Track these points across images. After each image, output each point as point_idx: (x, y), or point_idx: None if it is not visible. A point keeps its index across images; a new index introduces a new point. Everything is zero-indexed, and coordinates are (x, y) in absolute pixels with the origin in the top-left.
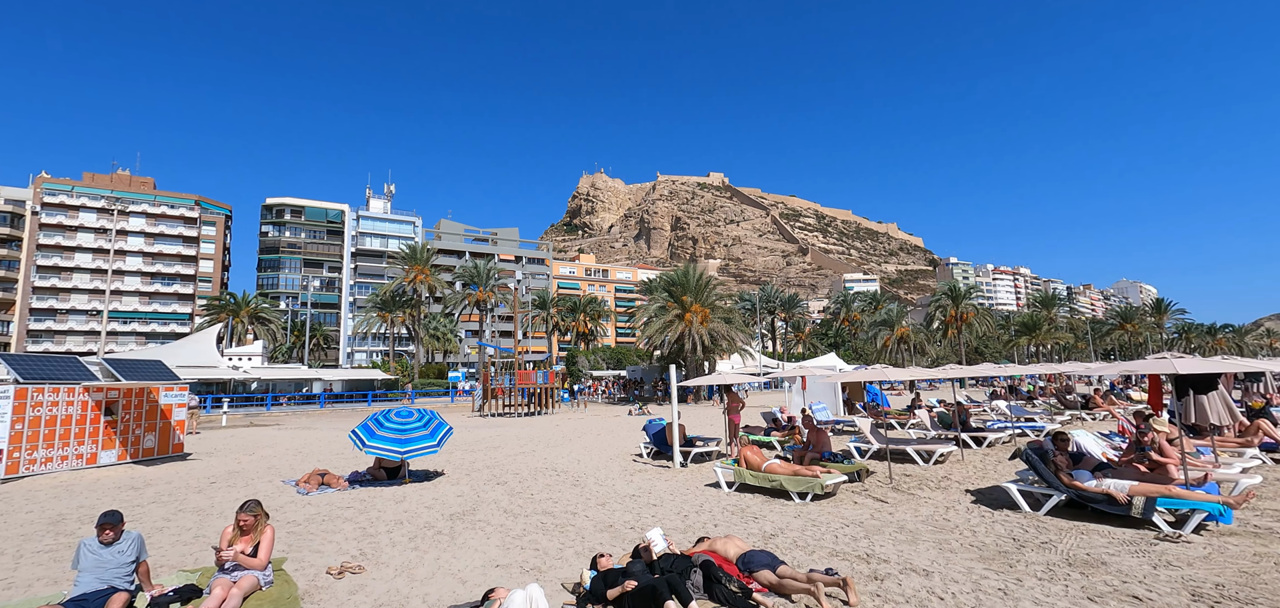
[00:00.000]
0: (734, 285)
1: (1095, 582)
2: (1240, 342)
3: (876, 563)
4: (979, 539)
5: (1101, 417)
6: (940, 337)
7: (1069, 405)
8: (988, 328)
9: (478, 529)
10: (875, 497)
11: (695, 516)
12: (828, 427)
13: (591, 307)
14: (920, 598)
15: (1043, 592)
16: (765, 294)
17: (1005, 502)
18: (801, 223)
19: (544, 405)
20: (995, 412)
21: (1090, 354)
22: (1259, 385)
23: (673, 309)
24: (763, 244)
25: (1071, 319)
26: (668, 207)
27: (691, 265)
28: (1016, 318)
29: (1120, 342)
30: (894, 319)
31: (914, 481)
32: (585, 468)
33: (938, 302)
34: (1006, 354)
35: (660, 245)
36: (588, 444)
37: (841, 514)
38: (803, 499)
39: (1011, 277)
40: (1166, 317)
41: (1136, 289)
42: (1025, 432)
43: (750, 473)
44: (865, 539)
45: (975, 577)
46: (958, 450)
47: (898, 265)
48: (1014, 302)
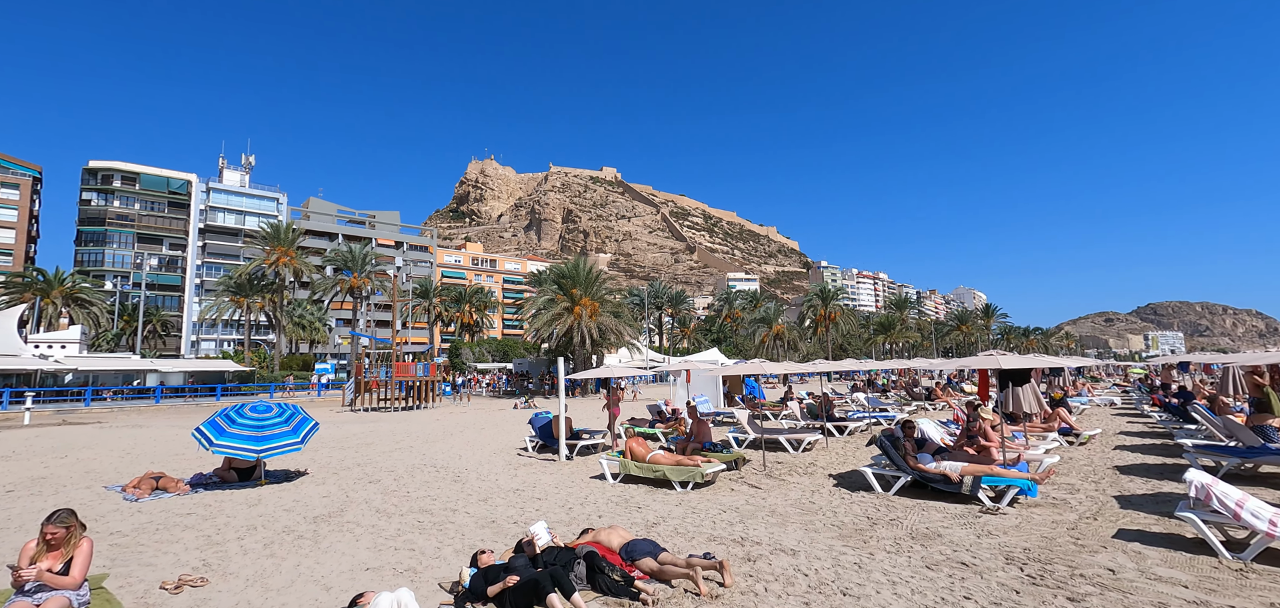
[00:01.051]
0: (624, 280)
1: (933, 552)
2: (1046, 343)
3: (750, 545)
4: (839, 519)
5: (941, 407)
6: (811, 334)
7: (916, 397)
8: (852, 327)
9: (346, 532)
10: (750, 484)
11: (580, 508)
12: (709, 418)
13: (478, 297)
14: (788, 576)
15: (891, 563)
16: (654, 290)
17: (862, 484)
18: (690, 222)
19: (424, 399)
20: (856, 403)
21: (933, 351)
22: (1059, 379)
23: (562, 302)
24: (653, 241)
25: (919, 320)
26: (560, 199)
27: (582, 259)
28: (875, 318)
29: (957, 341)
30: (771, 317)
31: (785, 467)
32: (467, 463)
33: (810, 302)
34: (866, 351)
35: (551, 237)
36: (470, 439)
37: (720, 501)
38: (684, 488)
39: (873, 281)
40: (993, 320)
41: (971, 295)
42: (879, 421)
43: (635, 464)
44: (740, 524)
45: (835, 553)
46: (823, 439)
47: (776, 267)
48: (874, 303)
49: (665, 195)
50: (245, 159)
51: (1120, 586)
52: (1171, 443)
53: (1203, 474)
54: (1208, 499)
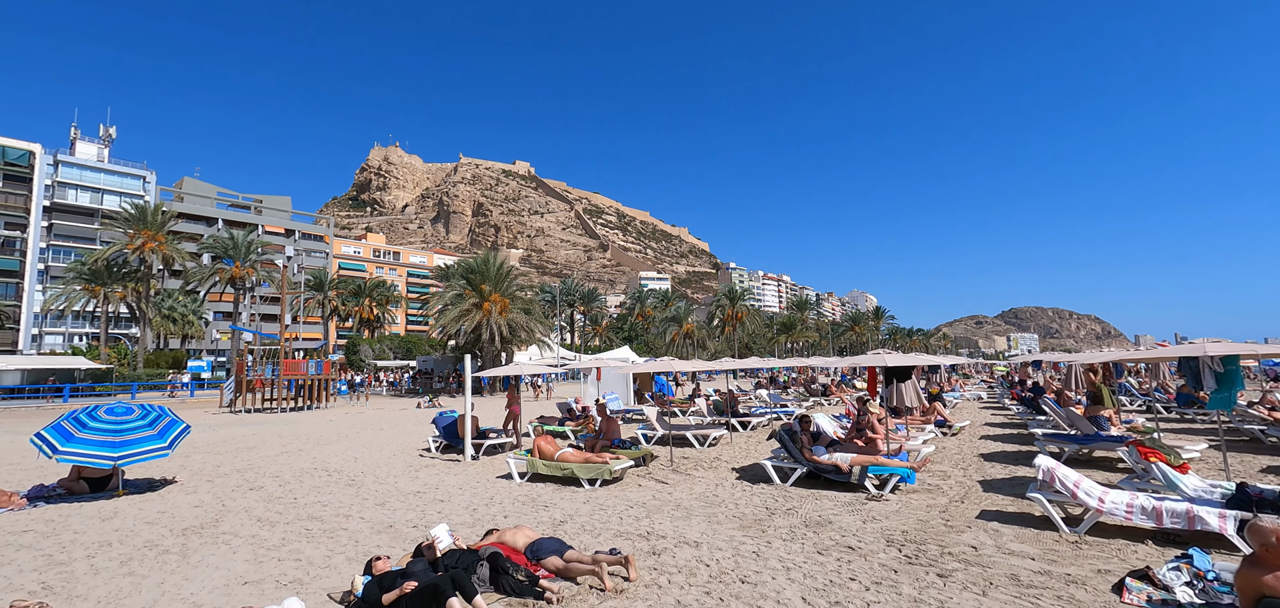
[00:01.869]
0: (536, 277)
1: (824, 538)
2: (927, 343)
3: (655, 539)
4: (740, 511)
5: (836, 402)
6: (719, 333)
7: (813, 393)
8: (757, 327)
9: (221, 543)
10: (658, 479)
11: (485, 509)
12: (619, 416)
13: (379, 291)
14: (691, 567)
15: (786, 551)
16: (566, 287)
17: (762, 477)
18: (604, 220)
19: (317, 400)
20: (759, 400)
21: (830, 350)
22: (936, 376)
23: (471, 298)
24: (566, 238)
25: (818, 321)
26: (470, 191)
27: (493, 254)
28: (779, 319)
29: (851, 340)
30: (682, 316)
31: (691, 462)
32: (363, 466)
33: (718, 302)
34: (770, 349)
35: (460, 230)
36: (368, 440)
37: (627, 497)
38: (593, 485)
39: (777, 282)
40: (882, 322)
41: (864, 298)
42: (780, 416)
43: (543, 463)
44: (647, 519)
45: (736, 543)
46: (728, 434)
47: (687, 267)
48: (778, 304)
49: (579, 192)
50: (104, 131)
51: (981, 561)
52: (1026, 432)
53: (1048, 459)
54: (1052, 481)
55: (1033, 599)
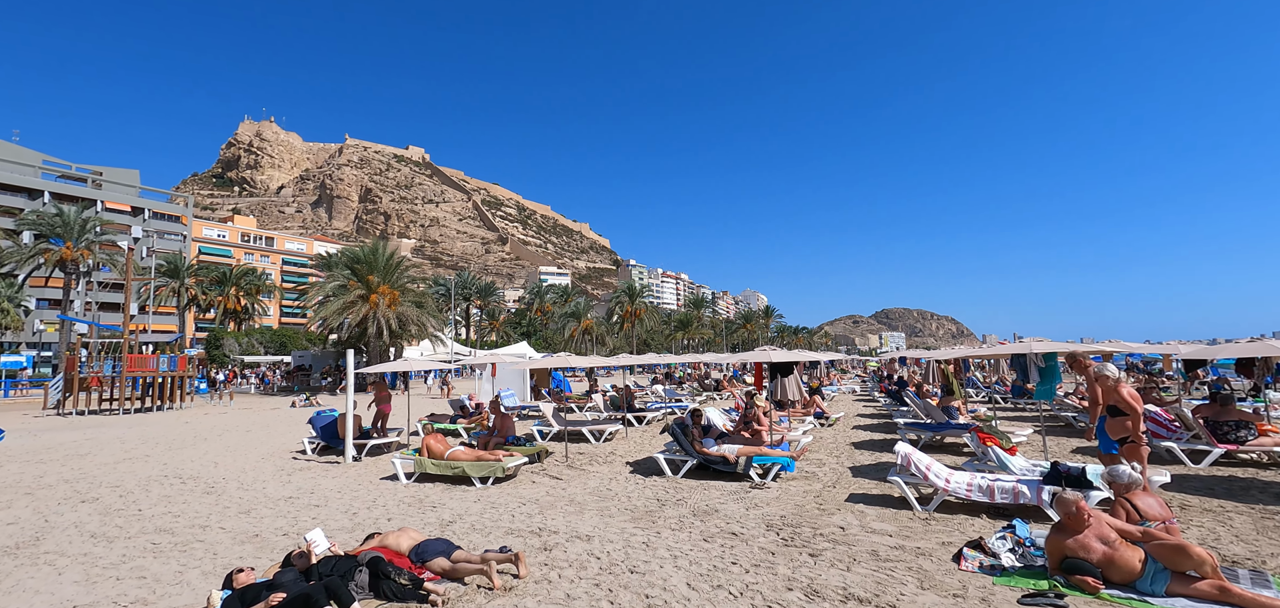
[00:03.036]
0: (429, 268)
1: (710, 526)
2: (810, 340)
3: (547, 535)
4: (632, 503)
5: (727, 396)
6: (618, 329)
7: (707, 388)
8: (655, 323)
9: (43, 564)
10: (552, 475)
11: (367, 513)
12: (514, 412)
13: (248, 279)
14: (582, 560)
15: (674, 540)
16: (462, 280)
17: (655, 469)
18: (503, 212)
19: (170, 399)
20: (654, 394)
21: (723, 347)
22: (816, 371)
23: (356, 289)
24: (463, 229)
25: (713, 319)
26: (357, 175)
27: (382, 243)
28: (676, 316)
29: (743, 338)
30: (581, 312)
31: (587, 458)
32: (226, 472)
33: (618, 298)
34: (667, 346)
35: (345, 217)
36: (232, 443)
37: (520, 494)
38: (485, 484)
39: (676, 280)
40: (771, 320)
41: (756, 297)
42: (674, 410)
43: (432, 462)
44: (539, 515)
45: (627, 535)
46: (623, 429)
47: (588, 263)
48: (675, 302)
49: (478, 183)
50: None
51: (847, 540)
52: (891, 422)
53: (906, 446)
54: (908, 466)
55: (888, 572)
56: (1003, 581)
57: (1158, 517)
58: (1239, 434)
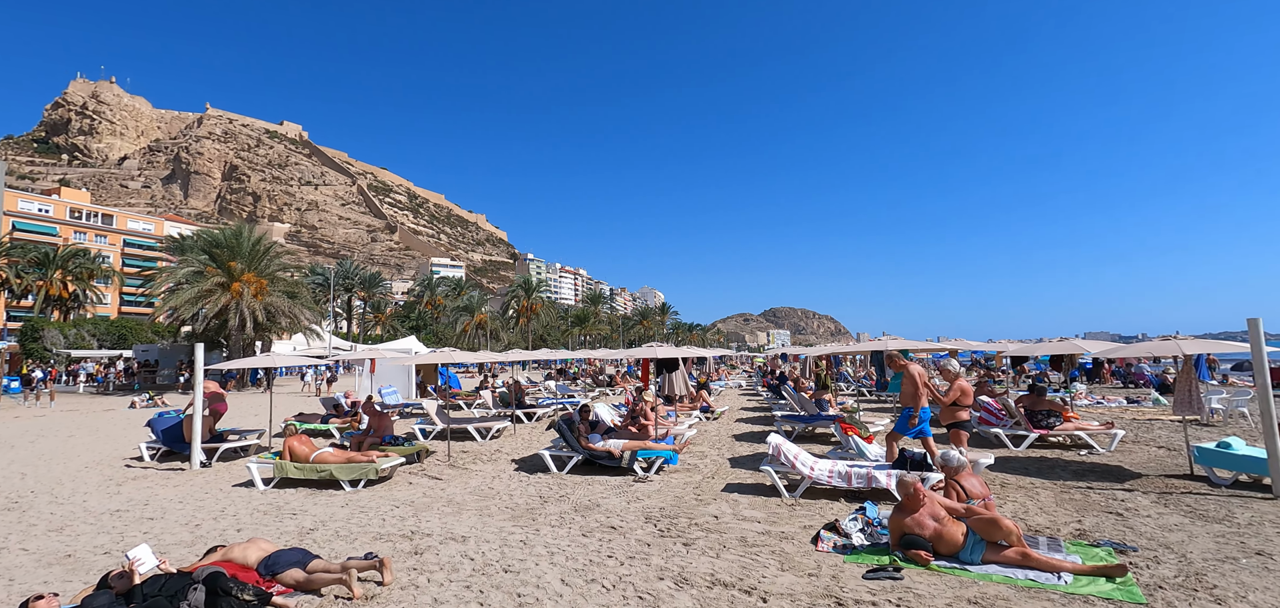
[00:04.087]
0: (307, 256)
1: (590, 521)
2: (704, 337)
3: (419, 538)
4: (514, 502)
5: (619, 392)
6: (514, 324)
7: (600, 384)
8: (552, 319)
9: None
10: (431, 475)
11: (213, 524)
12: (394, 410)
13: (78, 262)
14: (454, 562)
15: (553, 536)
16: (344, 269)
17: (540, 466)
18: (392, 199)
19: None
20: (547, 391)
21: (620, 343)
22: (704, 366)
23: (215, 276)
24: (346, 215)
25: (611, 315)
26: (220, 150)
27: (249, 226)
28: (573, 311)
29: (639, 334)
30: (475, 306)
31: (470, 456)
32: (35, 483)
33: (514, 292)
34: (564, 341)
35: (205, 195)
36: (48, 450)
37: (394, 497)
38: (355, 487)
39: (573, 276)
40: (667, 317)
41: (653, 294)
42: (565, 406)
43: (295, 466)
44: (413, 517)
45: (505, 534)
46: (512, 426)
47: (484, 255)
48: (573, 297)
49: (364, 166)
50: None
51: (720, 528)
52: (771, 415)
53: (777, 437)
54: (778, 455)
55: (754, 556)
56: (852, 558)
57: (979, 495)
58: (1049, 421)
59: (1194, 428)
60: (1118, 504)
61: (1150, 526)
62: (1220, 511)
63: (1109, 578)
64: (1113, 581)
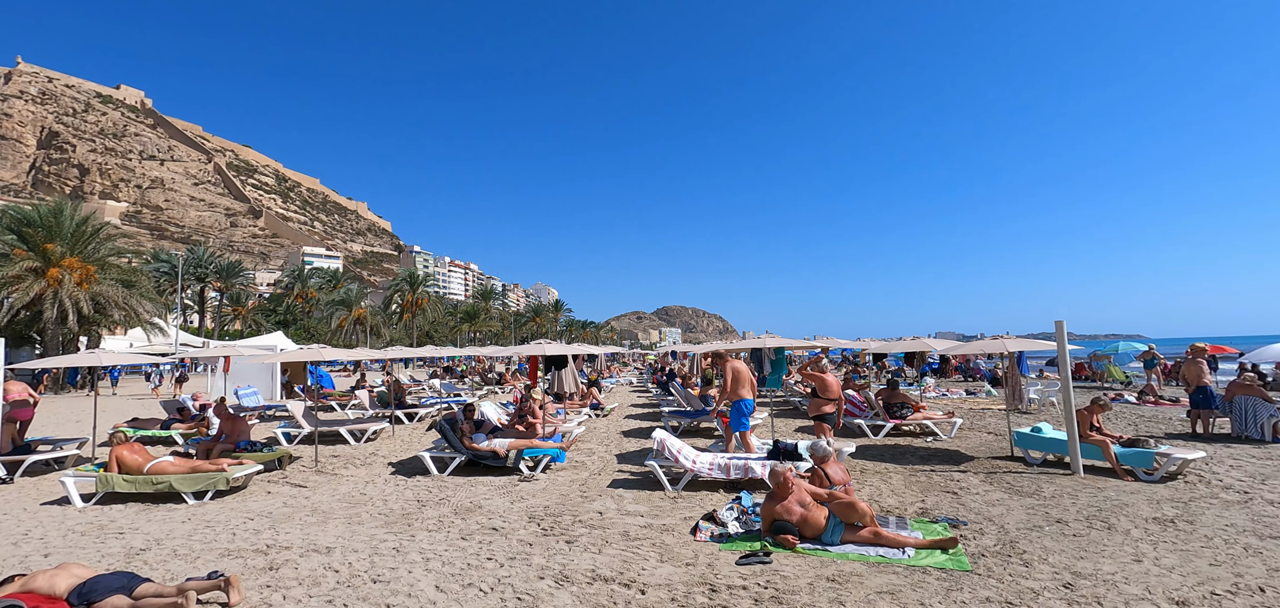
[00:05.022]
0: (150, 240)
1: (470, 523)
2: (597, 334)
3: (277, 552)
4: (388, 507)
5: (509, 390)
6: (397, 320)
7: (488, 382)
8: (439, 315)
9: None
10: (294, 483)
11: (13, 551)
12: (252, 413)
13: None
14: (316, 575)
15: (429, 541)
16: (196, 257)
17: (419, 469)
18: (258, 181)
19: None
20: (431, 390)
21: (512, 340)
22: (594, 363)
23: (25, 259)
24: (200, 195)
25: (503, 312)
26: (35, 112)
27: (73, 203)
28: (463, 307)
29: (532, 331)
30: (353, 299)
31: (342, 461)
32: None
33: (397, 286)
34: (451, 338)
35: (14, 165)
36: None
37: (249, 508)
38: (200, 499)
39: (464, 270)
40: (561, 314)
41: (547, 291)
42: (450, 406)
43: (124, 478)
44: (271, 530)
45: (376, 542)
46: (391, 427)
47: (365, 246)
48: (463, 292)
49: (222, 142)
50: None
51: (604, 524)
52: (660, 411)
53: (662, 432)
54: (663, 450)
55: (635, 550)
56: (727, 546)
57: (840, 481)
58: (902, 412)
59: (1015, 415)
60: (954, 484)
61: (978, 502)
62: (1032, 486)
63: (943, 550)
64: (946, 552)
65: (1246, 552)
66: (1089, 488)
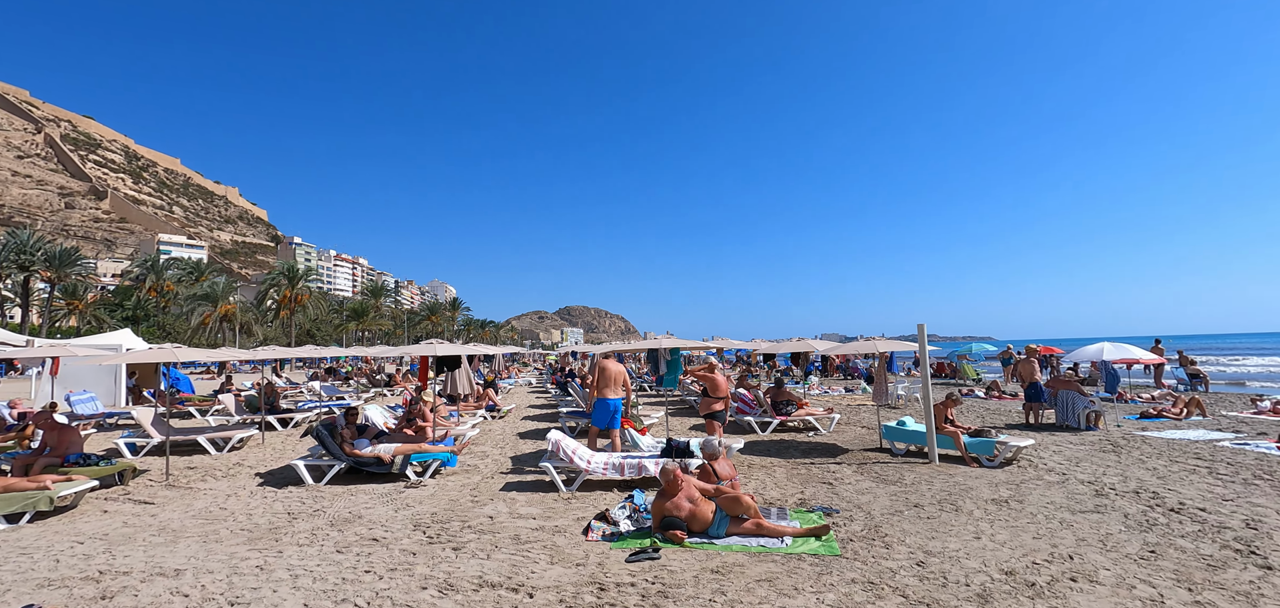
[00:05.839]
0: None
1: (348, 535)
2: (496, 334)
3: (112, 578)
4: (253, 522)
5: (399, 392)
6: (272, 317)
7: (376, 384)
8: (323, 312)
9: None
10: (139, 500)
11: None
12: (87, 422)
13: None
14: (160, 602)
15: (299, 557)
16: (18, 241)
17: (293, 479)
18: (101, 157)
19: None
20: (310, 392)
21: (405, 339)
22: (492, 363)
23: None
24: (25, 170)
25: (395, 309)
26: None
27: None
28: (350, 304)
29: (427, 330)
30: (220, 294)
31: (200, 473)
32: None
33: (273, 280)
34: (337, 337)
35: None
36: None
37: (79, 530)
38: (14, 522)
39: (352, 265)
40: (459, 312)
41: (444, 288)
42: (331, 409)
43: None
44: (106, 554)
45: (235, 561)
46: (261, 434)
47: (236, 235)
48: (350, 288)
49: (55, 110)
50: None
51: (494, 528)
52: (558, 411)
53: (556, 432)
54: (557, 451)
55: (525, 553)
56: (618, 544)
57: (727, 476)
58: (788, 409)
59: (885, 410)
60: (830, 475)
61: (850, 491)
62: (896, 475)
63: (817, 537)
64: (820, 539)
65: (1061, 525)
66: (943, 475)
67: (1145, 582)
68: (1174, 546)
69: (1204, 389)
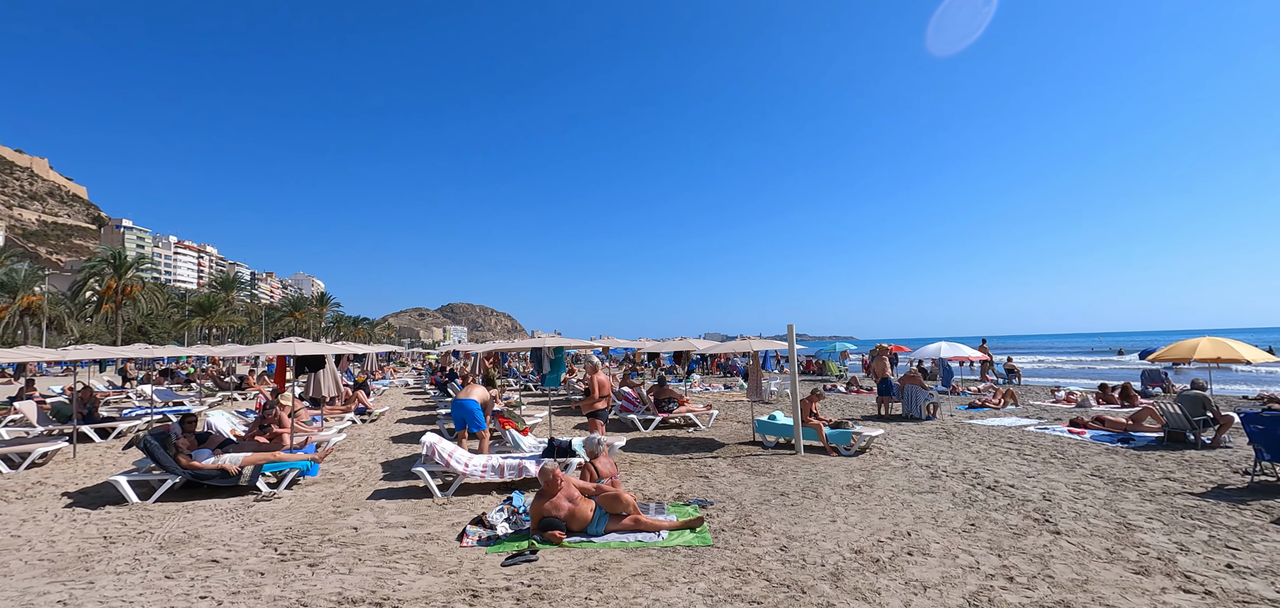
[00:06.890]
0: None
1: (181, 558)
2: (371, 332)
3: None
4: (57, 550)
5: (252, 396)
6: (94, 311)
7: (225, 387)
8: (160, 306)
9: None
10: None
11: None
12: None
13: None
14: None
15: (117, 586)
16: None
17: (113, 497)
18: None
19: None
20: (139, 397)
21: (263, 337)
22: (363, 363)
23: None
24: None
25: (250, 303)
26: None
27: None
28: (194, 297)
29: (289, 327)
30: (20, 283)
31: None
32: None
33: (95, 268)
34: (177, 335)
35: None
36: None
37: None
38: None
39: (197, 253)
40: (327, 308)
41: (311, 282)
42: (166, 416)
43: None
44: None
45: (30, 597)
46: (71, 448)
47: (47, 215)
48: (196, 280)
49: None
50: None
51: (358, 540)
52: (437, 413)
53: (432, 435)
54: (432, 454)
55: (393, 565)
56: (495, 548)
57: (608, 474)
58: (670, 406)
59: (758, 406)
60: (707, 469)
61: (724, 483)
62: (766, 466)
63: (692, 529)
64: (695, 531)
65: (902, 506)
66: (807, 464)
67: (965, 551)
68: (989, 518)
69: (1017, 382)
